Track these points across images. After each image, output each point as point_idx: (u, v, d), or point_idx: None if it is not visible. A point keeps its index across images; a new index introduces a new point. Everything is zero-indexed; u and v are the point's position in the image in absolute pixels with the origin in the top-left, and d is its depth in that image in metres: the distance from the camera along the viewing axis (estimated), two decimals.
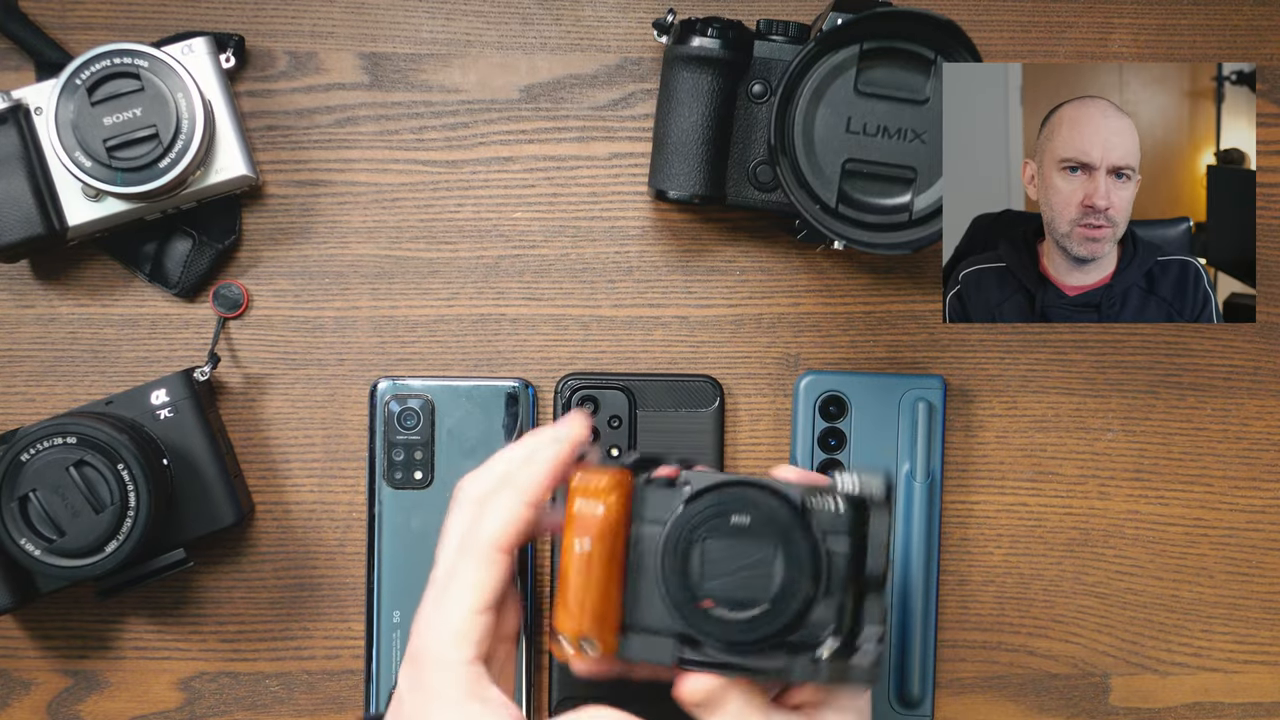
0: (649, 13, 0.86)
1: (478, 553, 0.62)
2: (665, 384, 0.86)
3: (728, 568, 0.61)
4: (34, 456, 0.76)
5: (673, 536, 0.61)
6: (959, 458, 0.87)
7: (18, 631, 0.86)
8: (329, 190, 0.86)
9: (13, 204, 0.80)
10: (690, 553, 0.61)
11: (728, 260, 0.87)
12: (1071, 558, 0.87)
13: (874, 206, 0.77)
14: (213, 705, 0.86)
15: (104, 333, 0.86)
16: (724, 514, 0.61)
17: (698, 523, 0.61)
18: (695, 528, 0.61)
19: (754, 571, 0.61)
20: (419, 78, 0.86)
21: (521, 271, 0.87)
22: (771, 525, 0.61)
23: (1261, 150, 0.87)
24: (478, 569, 0.62)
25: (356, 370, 0.86)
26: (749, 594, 0.61)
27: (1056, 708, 0.87)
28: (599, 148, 0.87)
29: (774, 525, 0.61)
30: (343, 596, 0.86)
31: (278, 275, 0.86)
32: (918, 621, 0.85)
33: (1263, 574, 0.88)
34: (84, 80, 0.79)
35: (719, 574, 0.61)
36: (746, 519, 0.61)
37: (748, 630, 0.61)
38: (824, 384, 0.85)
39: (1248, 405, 0.88)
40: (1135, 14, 0.87)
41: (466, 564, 0.62)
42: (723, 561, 0.61)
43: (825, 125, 0.76)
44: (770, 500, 0.62)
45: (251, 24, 0.86)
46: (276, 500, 0.86)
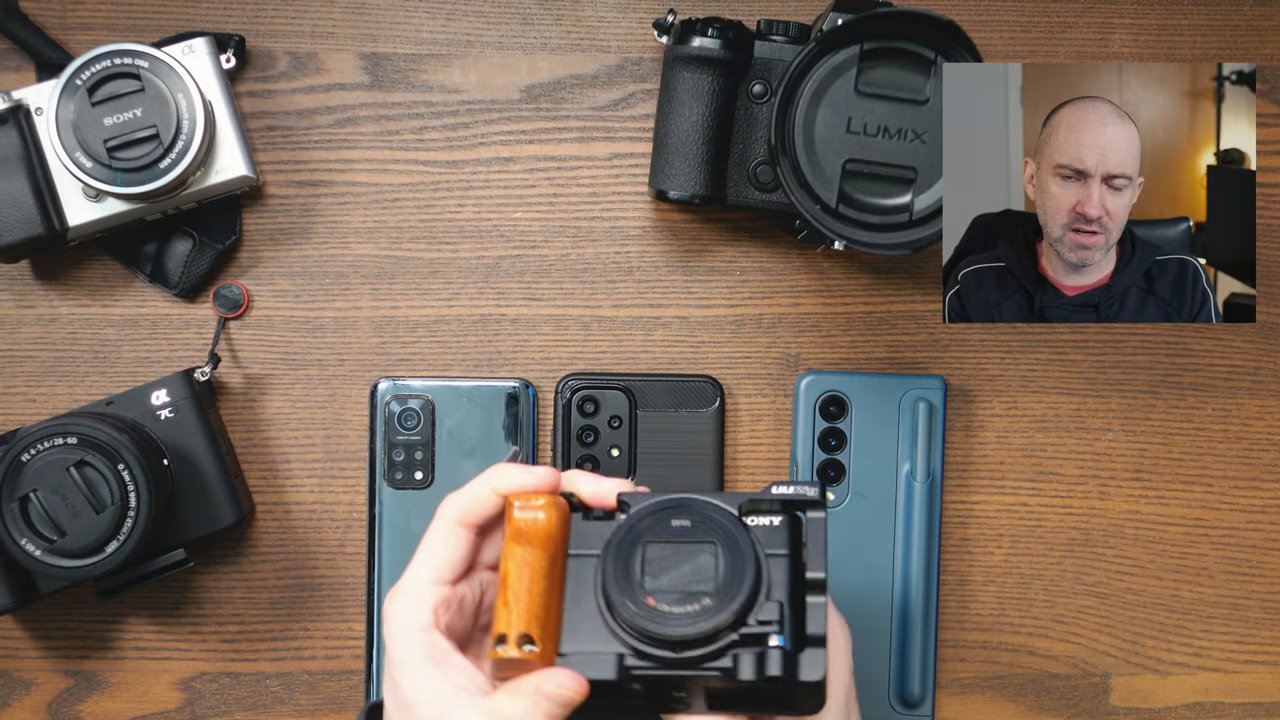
0: (649, 13, 0.86)
1: (439, 525, 0.64)
2: (665, 384, 0.86)
3: (670, 566, 0.62)
4: (34, 457, 0.76)
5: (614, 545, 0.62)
6: (959, 458, 0.87)
7: (18, 632, 0.86)
8: (329, 190, 0.86)
9: (13, 204, 0.80)
10: (633, 555, 0.62)
11: (728, 260, 0.87)
12: (1072, 558, 0.87)
13: (874, 207, 0.77)
14: (213, 705, 0.86)
15: (104, 333, 0.86)
16: (664, 518, 0.62)
17: (640, 528, 0.62)
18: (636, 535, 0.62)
19: (696, 568, 0.61)
20: (419, 78, 0.86)
21: (522, 272, 0.87)
22: (711, 525, 0.62)
23: (1261, 150, 0.87)
24: (437, 540, 0.64)
25: (357, 370, 0.86)
26: (693, 588, 0.61)
27: (1057, 708, 0.87)
28: (599, 148, 0.87)
29: (714, 525, 0.62)
30: (343, 596, 0.86)
31: (278, 275, 0.86)
32: (918, 621, 0.85)
33: (1263, 574, 0.88)
34: (84, 81, 0.79)
35: (662, 572, 0.62)
36: (687, 521, 0.62)
37: (692, 623, 0.61)
38: (824, 384, 0.85)
39: (1248, 405, 0.88)
40: (1135, 14, 0.87)
41: (429, 537, 0.64)
42: (663, 561, 0.62)
43: (826, 125, 0.76)
44: (708, 506, 0.63)
45: (252, 24, 0.86)
46: (277, 500, 0.86)
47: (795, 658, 0.61)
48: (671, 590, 0.61)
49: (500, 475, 0.64)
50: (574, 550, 0.63)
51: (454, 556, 0.64)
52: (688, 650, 0.61)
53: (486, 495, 0.64)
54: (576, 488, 0.65)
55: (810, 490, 0.63)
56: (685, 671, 0.61)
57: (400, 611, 0.63)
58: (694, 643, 0.61)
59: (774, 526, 0.63)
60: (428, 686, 0.61)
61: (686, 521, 0.62)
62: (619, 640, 0.62)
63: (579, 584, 0.63)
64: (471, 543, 0.65)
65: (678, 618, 0.61)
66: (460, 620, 0.65)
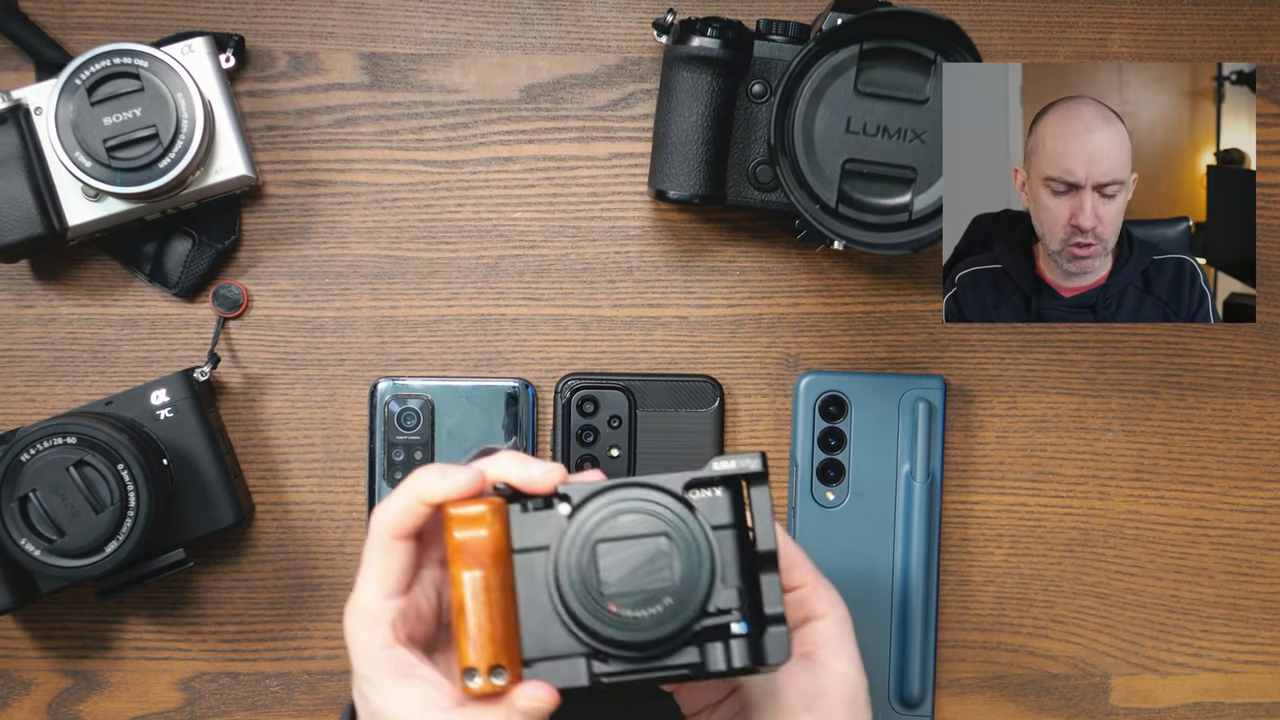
0: (649, 13, 0.86)
1: (375, 541, 0.63)
2: (665, 384, 0.86)
3: (626, 570, 0.61)
4: (34, 457, 0.76)
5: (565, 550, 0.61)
6: (959, 458, 0.87)
7: (18, 631, 0.86)
8: (329, 190, 0.86)
9: (13, 204, 0.80)
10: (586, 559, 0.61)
11: (728, 260, 0.87)
12: (1071, 558, 0.87)
13: (874, 206, 0.77)
14: (213, 705, 0.86)
15: (104, 333, 0.86)
16: (611, 518, 0.61)
17: (587, 532, 0.61)
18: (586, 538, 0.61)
19: (652, 567, 0.61)
20: (419, 78, 0.86)
21: (521, 271, 0.87)
22: (660, 520, 0.61)
23: (1261, 150, 0.87)
24: (378, 556, 0.63)
25: (356, 370, 0.86)
26: (652, 590, 0.61)
27: (1056, 708, 0.87)
28: (599, 148, 0.87)
29: (662, 520, 0.61)
30: (343, 597, 0.86)
31: (278, 275, 0.86)
32: (918, 621, 0.85)
33: (1263, 574, 0.88)
34: (84, 80, 0.79)
35: (618, 577, 0.61)
36: (636, 518, 0.61)
37: (658, 625, 0.61)
38: (824, 384, 0.85)
39: (1248, 405, 0.88)
40: (1135, 14, 0.87)
41: (369, 554, 0.64)
42: (620, 565, 0.61)
43: (825, 125, 0.76)
44: (654, 496, 0.62)
45: (251, 24, 0.86)
46: (276, 500, 0.86)
47: (760, 641, 0.61)
48: (632, 593, 0.61)
49: (423, 485, 0.62)
50: (519, 545, 0.62)
51: (397, 569, 0.63)
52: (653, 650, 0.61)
53: (413, 507, 0.63)
54: (506, 477, 0.63)
55: (752, 463, 0.62)
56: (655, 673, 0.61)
57: (358, 630, 0.63)
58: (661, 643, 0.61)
59: (716, 497, 0.62)
60: (398, 701, 0.61)
61: (635, 518, 0.61)
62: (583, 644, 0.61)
63: (531, 584, 0.62)
64: (411, 551, 0.64)
65: (642, 622, 0.61)
66: (421, 626, 0.64)
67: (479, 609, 0.61)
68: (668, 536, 0.61)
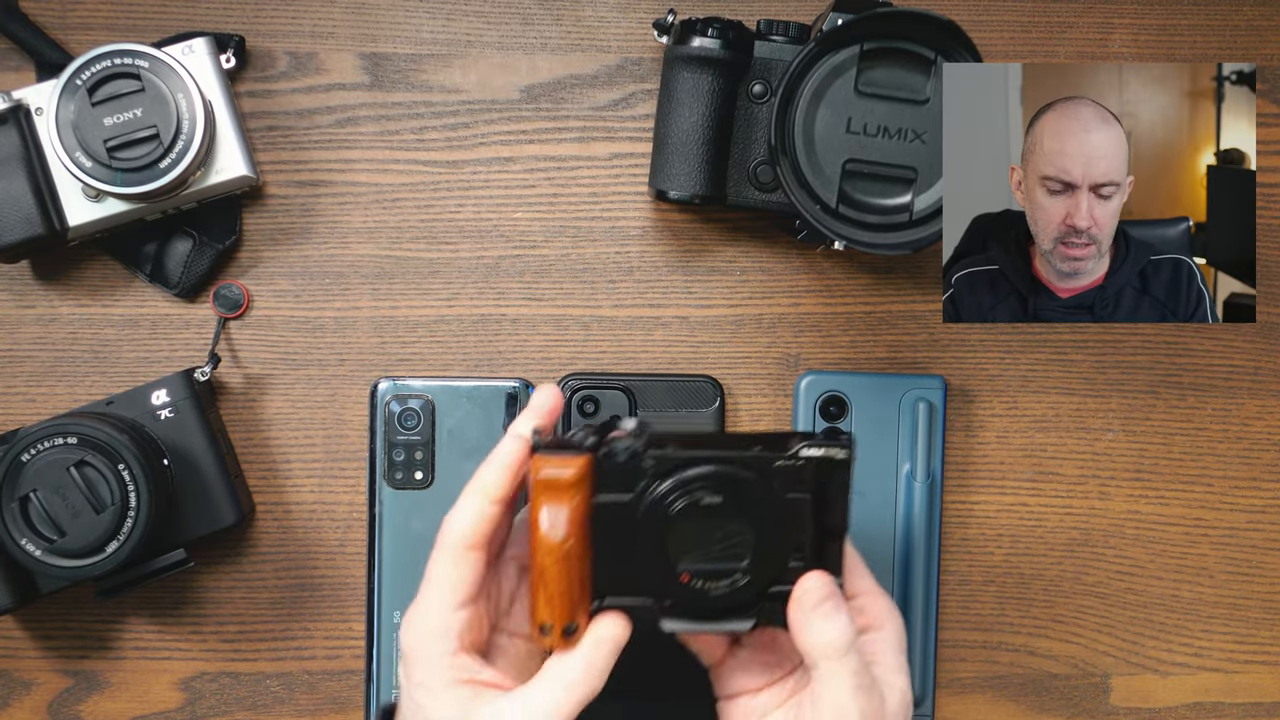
0: (649, 13, 0.86)
1: (447, 551, 0.65)
2: (665, 384, 0.86)
3: (703, 544, 0.63)
4: (35, 457, 0.76)
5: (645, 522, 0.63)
6: (959, 458, 0.87)
7: (18, 631, 0.86)
8: (329, 190, 0.86)
9: (13, 204, 0.80)
10: (665, 534, 0.63)
11: (728, 260, 0.87)
12: (1071, 558, 0.87)
13: (874, 207, 0.77)
14: (213, 705, 0.86)
15: (104, 333, 0.86)
16: (693, 494, 0.63)
17: (668, 506, 0.63)
18: (666, 511, 0.63)
19: (728, 544, 0.63)
20: (419, 78, 0.86)
21: (522, 272, 0.87)
22: (742, 500, 0.63)
23: (1261, 150, 0.87)
24: (449, 567, 0.64)
25: (357, 370, 0.86)
26: (725, 566, 0.63)
27: (1056, 708, 0.87)
28: (599, 148, 0.87)
29: (744, 499, 0.63)
30: (343, 596, 0.86)
31: (278, 275, 0.86)
32: (918, 621, 0.85)
33: (1263, 574, 0.88)
34: (84, 81, 0.79)
35: (694, 550, 0.63)
36: (718, 498, 0.63)
37: (727, 600, 0.63)
38: (824, 384, 0.85)
39: (1248, 405, 0.88)
40: (1135, 14, 0.87)
41: (438, 564, 0.65)
42: (697, 539, 0.63)
43: (825, 125, 0.76)
44: (737, 474, 0.63)
45: (252, 24, 0.86)
46: (277, 500, 0.86)
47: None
48: (705, 570, 0.63)
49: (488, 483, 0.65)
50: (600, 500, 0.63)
51: (469, 580, 0.64)
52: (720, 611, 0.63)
53: (484, 510, 0.64)
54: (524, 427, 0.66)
55: (840, 452, 0.64)
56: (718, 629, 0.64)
57: (423, 641, 0.64)
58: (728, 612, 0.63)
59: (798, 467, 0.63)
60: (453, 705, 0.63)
61: (717, 498, 0.63)
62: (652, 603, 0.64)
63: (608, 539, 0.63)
64: (482, 561, 0.65)
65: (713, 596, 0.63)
66: (482, 633, 0.66)
67: (559, 574, 0.62)
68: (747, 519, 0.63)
